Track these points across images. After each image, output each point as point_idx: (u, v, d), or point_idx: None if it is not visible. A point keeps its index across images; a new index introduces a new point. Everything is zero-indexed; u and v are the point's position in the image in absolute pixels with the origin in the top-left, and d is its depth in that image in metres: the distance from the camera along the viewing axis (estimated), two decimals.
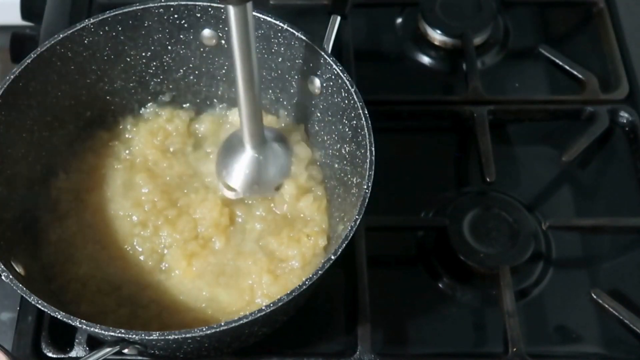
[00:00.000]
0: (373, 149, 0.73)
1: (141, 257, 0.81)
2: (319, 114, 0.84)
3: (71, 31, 0.81)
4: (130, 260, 0.81)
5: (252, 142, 0.78)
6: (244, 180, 0.80)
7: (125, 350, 0.70)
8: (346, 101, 0.78)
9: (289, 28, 0.81)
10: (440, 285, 0.87)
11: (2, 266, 0.69)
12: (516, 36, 1.07)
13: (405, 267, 0.90)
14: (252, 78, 0.72)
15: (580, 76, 1.00)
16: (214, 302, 0.78)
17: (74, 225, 0.83)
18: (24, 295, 0.67)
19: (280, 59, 0.84)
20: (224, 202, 0.83)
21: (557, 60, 1.02)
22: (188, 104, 0.91)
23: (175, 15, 0.84)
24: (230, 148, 0.82)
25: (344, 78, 0.78)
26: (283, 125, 0.88)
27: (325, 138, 0.84)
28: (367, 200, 0.71)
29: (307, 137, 0.87)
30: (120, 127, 0.89)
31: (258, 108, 0.76)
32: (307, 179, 0.83)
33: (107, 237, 0.82)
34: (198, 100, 0.91)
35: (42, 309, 0.67)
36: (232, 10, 0.67)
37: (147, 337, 0.67)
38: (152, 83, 0.89)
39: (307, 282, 0.68)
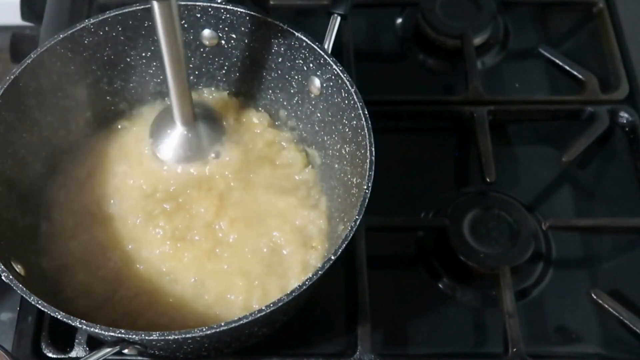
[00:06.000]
0: (373, 149, 0.73)
1: (130, 246, 0.81)
2: (319, 114, 0.84)
3: (71, 31, 0.81)
4: (124, 250, 0.81)
5: (181, 119, 0.82)
6: (174, 154, 0.84)
7: (125, 351, 0.70)
8: (346, 101, 0.78)
9: (289, 28, 0.81)
10: (440, 285, 0.87)
11: (2, 266, 0.69)
12: (516, 36, 1.07)
13: (405, 267, 0.90)
14: (179, 62, 0.76)
15: (580, 76, 1.00)
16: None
17: (73, 224, 0.83)
18: (24, 295, 0.67)
19: (280, 59, 0.84)
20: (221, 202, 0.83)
21: (557, 60, 1.02)
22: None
23: None
24: (162, 122, 0.86)
25: (344, 78, 0.78)
26: (281, 124, 0.89)
27: (325, 138, 0.84)
28: (367, 200, 0.71)
29: (306, 137, 0.87)
30: (119, 127, 0.89)
31: (186, 88, 0.79)
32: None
33: (106, 232, 0.82)
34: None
35: (42, 309, 0.67)
36: (155, 4, 0.70)
37: (147, 337, 0.67)
38: (152, 83, 0.89)
39: (307, 283, 0.68)
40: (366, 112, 0.75)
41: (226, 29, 0.84)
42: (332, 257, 0.69)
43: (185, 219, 0.82)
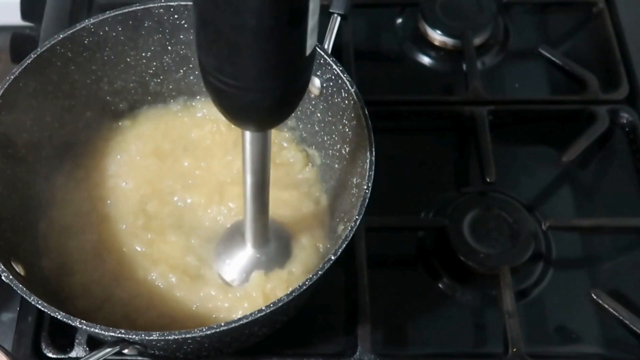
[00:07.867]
0: (373, 149, 0.73)
1: (131, 247, 0.81)
2: (319, 114, 0.84)
3: (71, 31, 0.81)
4: (122, 251, 0.81)
5: (254, 242, 0.75)
6: (241, 277, 0.78)
7: (126, 351, 0.70)
8: (346, 101, 0.78)
9: None
10: (440, 285, 0.87)
11: (2, 266, 0.69)
12: (516, 36, 1.07)
13: (405, 267, 0.90)
14: (264, 191, 0.68)
15: (580, 76, 1.00)
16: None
17: (71, 224, 0.83)
18: (24, 295, 0.67)
19: None
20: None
21: (557, 60, 1.02)
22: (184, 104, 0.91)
23: (175, 16, 0.84)
24: (230, 241, 0.79)
25: (344, 78, 0.78)
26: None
27: (325, 138, 0.84)
28: (367, 200, 0.71)
29: (306, 137, 0.87)
30: (120, 125, 0.89)
31: (266, 214, 0.71)
32: None
33: (103, 233, 0.82)
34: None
35: (42, 309, 0.67)
36: (248, 134, 0.61)
37: (147, 338, 0.67)
38: (152, 83, 0.89)
39: (307, 283, 0.68)
40: (366, 112, 0.75)
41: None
42: (332, 257, 0.69)
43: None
